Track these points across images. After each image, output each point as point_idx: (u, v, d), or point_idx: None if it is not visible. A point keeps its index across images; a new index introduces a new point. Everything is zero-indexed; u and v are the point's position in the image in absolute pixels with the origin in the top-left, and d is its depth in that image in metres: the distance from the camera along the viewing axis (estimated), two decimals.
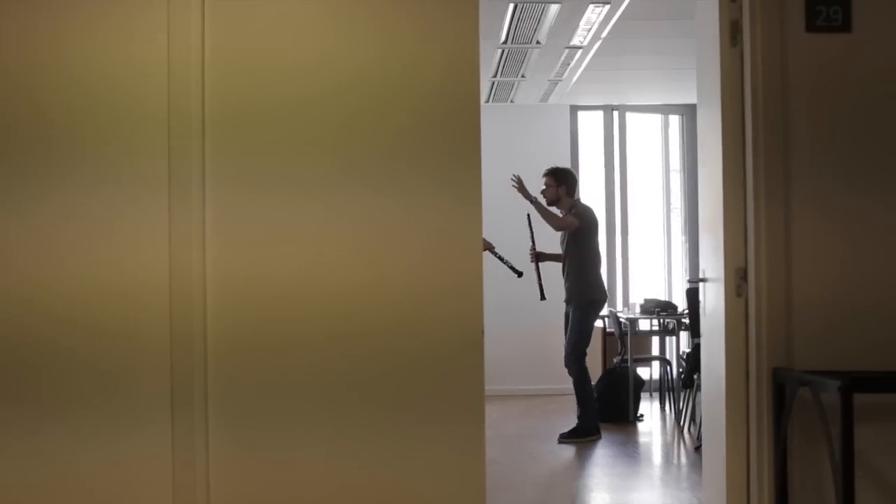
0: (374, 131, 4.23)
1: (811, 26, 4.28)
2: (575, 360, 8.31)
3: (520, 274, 8.73)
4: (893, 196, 4.22)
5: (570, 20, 8.02)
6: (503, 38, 8.53)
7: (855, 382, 3.63)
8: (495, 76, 10.07)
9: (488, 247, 8.10)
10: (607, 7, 7.65)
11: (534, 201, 8.45)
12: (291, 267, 4.21)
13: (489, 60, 9.32)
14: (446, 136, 4.28)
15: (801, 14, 4.28)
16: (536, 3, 7.49)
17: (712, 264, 4.62)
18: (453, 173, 4.28)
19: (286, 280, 4.21)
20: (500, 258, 8.55)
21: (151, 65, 4.20)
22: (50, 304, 4.23)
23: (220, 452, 4.21)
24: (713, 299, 4.63)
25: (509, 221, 9.40)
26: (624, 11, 7.73)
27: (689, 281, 10.04)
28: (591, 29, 8.30)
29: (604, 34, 8.42)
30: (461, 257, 4.27)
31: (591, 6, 7.63)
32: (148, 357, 4.22)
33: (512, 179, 8.52)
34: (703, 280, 4.81)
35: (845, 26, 4.28)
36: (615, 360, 9.97)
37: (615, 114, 12.05)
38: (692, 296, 8.09)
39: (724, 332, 4.40)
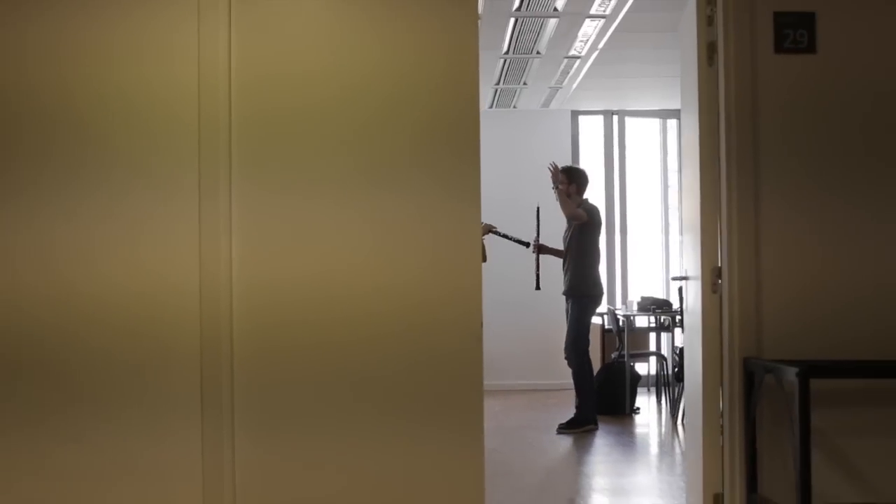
0: (382, 136, 4.66)
1: (779, 48, 4.72)
2: (575, 352, 8.75)
3: (527, 245, 9.19)
4: (851, 203, 4.67)
5: (567, 33, 8.47)
6: (505, 48, 8.98)
7: (811, 369, 4.07)
8: (498, 84, 10.52)
9: (489, 229, 8.55)
10: (602, 21, 8.09)
11: (557, 186, 8.86)
12: (309, 269, 4.63)
13: (492, 69, 9.77)
14: (449, 140, 4.70)
15: (771, 37, 4.72)
16: (535, 17, 7.93)
17: (692, 263, 5.06)
18: (456, 176, 4.70)
19: (304, 282, 4.63)
20: (504, 235, 9.02)
21: (183, 75, 4.63)
22: (85, 305, 4.65)
23: (245, 448, 4.65)
24: (693, 296, 5.07)
25: (512, 220, 9.83)
26: (619, 24, 8.17)
27: (672, 278, 10.47)
28: (588, 40, 8.75)
29: (600, 45, 8.86)
30: (464, 259, 4.70)
31: (587, 20, 8.07)
32: (179, 357, 4.63)
33: (549, 166, 8.95)
34: (685, 278, 5.26)
35: (811, 48, 4.72)
36: (613, 356, 10.41)
37: (615, 118, 12.51)
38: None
39: (701, 326, 4.85)
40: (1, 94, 4.57)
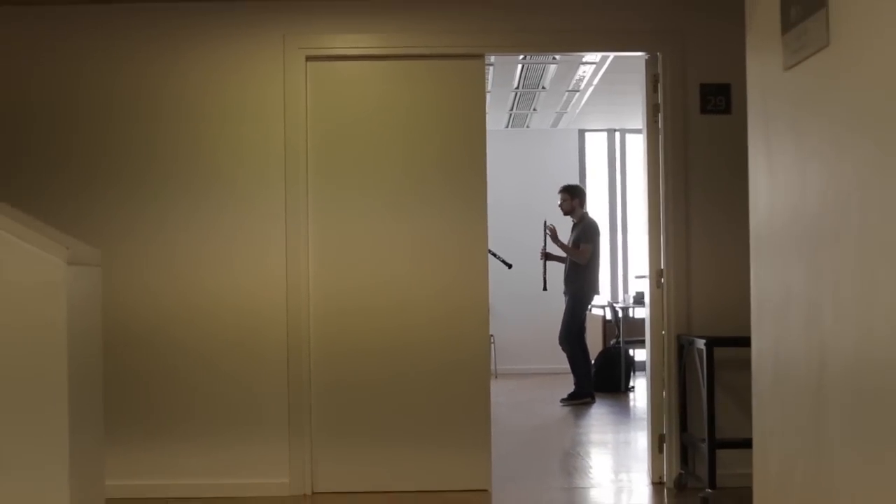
0: (415, 159, 6.42)
1: (704, 110, 6.45)
2: (568, 338, 10.51)
3: (509, 266, 10.95)
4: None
5: (566, 74, 10.23)
6: (515, 84, 10.74)
7: (714, 341, 5.82)
8: (511, 110, 12.27)
9: None
10: (593, 65, 9.85)
11: (565, 247, 10.60)
12: (362, 280, 6.37)
13: (505, 99, 11.53)
14: (462, 160, 6.47)
15: (698, 102, 6.45)
16: (538, 63, 9.70)
17: (645, 267, 6.82)
18: (468, 196, 6.48)
19: (358, 292, 6.35)
20: (493, 254, 10.78)
21: (273, 117, 6.40)
22: (189, 314, 6.36)
23: (320, 441, 6.43)
24: (646, 290, 6.83)
25: (522, 226, 11.62)
26: (608, 67, 9.91)
27: (636, 276, 12.21)
28: (584, 78, 10.49)
29: (595, 81, 10.61)
30: (478, 273, 6.48)
31: (581, 66, 9.84)
32: (270, 362, 6.31)
33: (547, 230, 10.69)
34: (643, 276, 7.01)
35: (727, 110, 6.45)
36: (611, 342, 12.16)
37: (617, 135, 14.22)
38: None
39: (649, 311, 6.61)
40: (145, 144, 6.38)
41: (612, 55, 8.97)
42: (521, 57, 9.37)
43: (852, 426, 3.37)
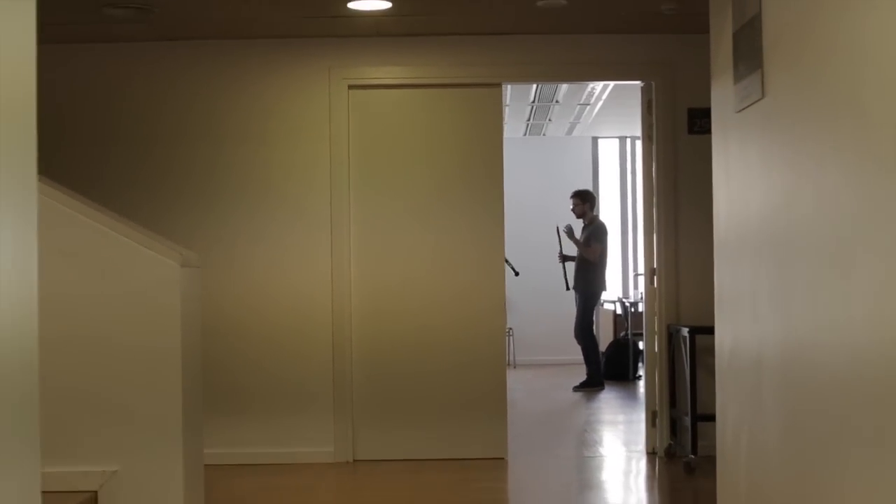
0: (442, 171, 7.47)
1: (691, 130, 7.47)
2: (581, 332, 11.55)
3: (517, 273, 12.01)
4: None
5: (577, 90, 11.27)
6: (531, 99, 11.78)
7: (696, 330, 6.84)
8: (529, 120, 13.31)
9: None
10: (602, 83, 10.88)
11: (579, 244, 11.65)
12: (395, 279, 7.45)
13: (523, 111, 12.56)
14: (483, 168, 7.50)
15: (686, 123, 7.47)
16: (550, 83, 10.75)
17: (641, 266, 7.84)
18: (487, 206, 7.52)
19: (392, 291, 7.44)
20: (505, 261, 11.84)
21: (320, 137, 7.44)
22: (248, 310, 7.46)
23: (361, 415, 7.49)
24: (643, 286, 7.85)
25: (539, 228, 12.67)
26: (615, 84, 10.93)
27: (635, 274, 13.26)
28: (594, 93, 11.52)
29: (604, 97, 11.64)
30: (496, 274, 7.52)
31: (591, 83, 10.87)
32: (318, 355, 7.38)
33: (564, 231, 11.76)
34: (641, 274, 8.03)
35: (711, 131, 7.46)
36: (621, 335, 13.19)
37: (628, 141, 15.24)
38: None
39: (645, 305, 7.64)
40: (212, 162, 7.44)
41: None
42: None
43: (780, 400, 4.39)
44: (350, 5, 6.55)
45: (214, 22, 6.93)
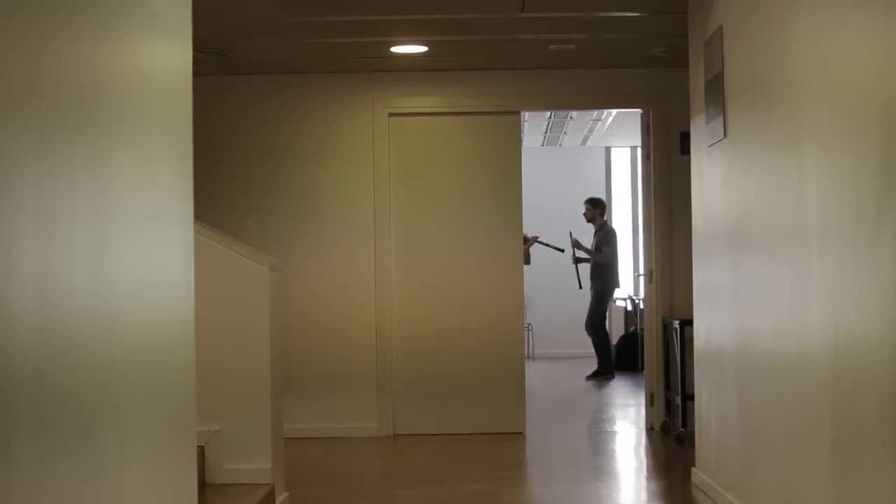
0: (468, 180, 8.72)
1: (683, 151, 8.66)
2: (592, 325, 12.79)
3: (562, 251, 13.28)
4: None
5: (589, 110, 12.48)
6: (548, 115, 13.01)
7: (685, 322, 8.05)
8: (545, 133, 14.53)
9: (535, 239, 12.65)
10: None
11: (590, 252, 12.89)
12: (429, 278, 8.71)
13: (540, 125, 13.78)
14: (503, 177, 8.73)
15: (678, 145, 8.69)
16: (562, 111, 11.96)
17: (642, 267, 9.07)
18: (506, 215, 8.75)
19: (428, 286, 8.69)
20: (546, 244, 13.13)
21: (365, 156, 8.70)
22: (303, 301, 8.72)
23: (400, 395, 8.73)
24: (643, 285, 9.07)
25: (555, 231, 13.89)
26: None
27: (636, 275, 14.49)
28: (604, 111, 12.73)
29: (613, 114, 12.86)
30: (514, 272, 8.76)
31: None
32: (363, 336, 8.71)
33: (571, 242, 13.04)
34: (642, 274, 9.25)
35: None
36: (630, 329, 14.41)
37: (639, 150, 16.41)
38: None
39: (645, 300, 8.86)
40: (272, 182, 8.70)
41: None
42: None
43: (735, 381, 5.61)
44: (393, 49, 7.79)
45: (278, 60, 8.18)
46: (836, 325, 4.04)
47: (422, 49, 7.81)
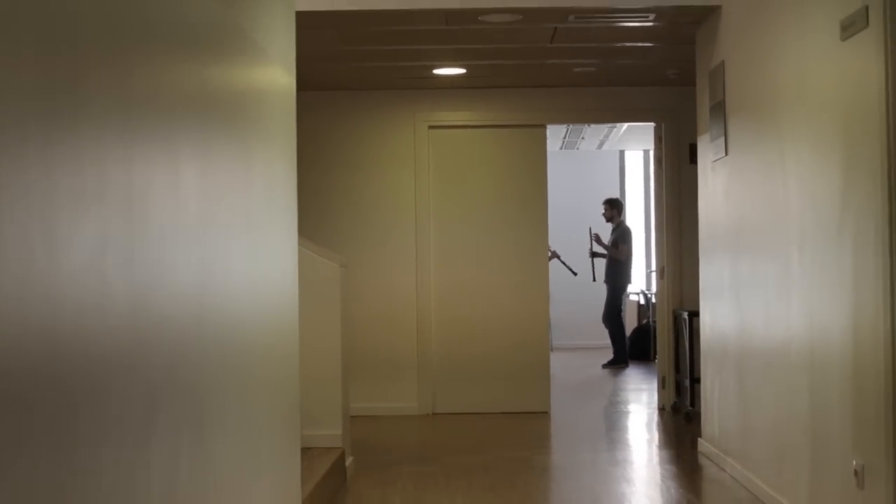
0: (500, 192, 9.75)
1: (692, 161, 9.66)
2: (609, 318, 13.83)
3: (576, 274, 14.31)
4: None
5: None
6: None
7: (693, 313, 9.07)
8: (564, 138, 15.55)
9: (555, 255, 13.69)
10: None
11: (608, 248, 13.93)
12: (463, 278, 9.75)
13: (560, 129, 14.80)
14: (531, 187, 9.78)
15: (688, 155, 9.69)
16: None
17: (654, 264, 10.09)
18: (533, 219, 9.78)
19: (463, 282, 9.74)
20: (564, 263, 14.18)
21: (407, 165, 9.74)
22: (350, 304, 9.77)
23: (439, 378, 9.76)
24: (655, 280, 10.09)
25: (574, 230, 14.93)
26: None
27: (649, 271, 15.53)
28: None
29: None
30: (540, 272, 9.80)
31: None
32: (405, 326, 9.76)
33: (592, 236, 14.09)
34: (654, 271, 10.27)
35: None
36: (643, 321, 15.43)
37: (651, 153, 17.42)
38: None
39: (657, 294, 9.89)
40: (325, 187, 9.74)
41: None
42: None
43: (734, 366, 6.64)
44: (435, 71, 8.82)
45: (334, 80, 9.21)
46: (811, 314, 5.07)
47: (461, 71, 8.83)
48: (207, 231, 3.12)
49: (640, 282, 16.80)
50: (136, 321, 2.46)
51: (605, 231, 14.27)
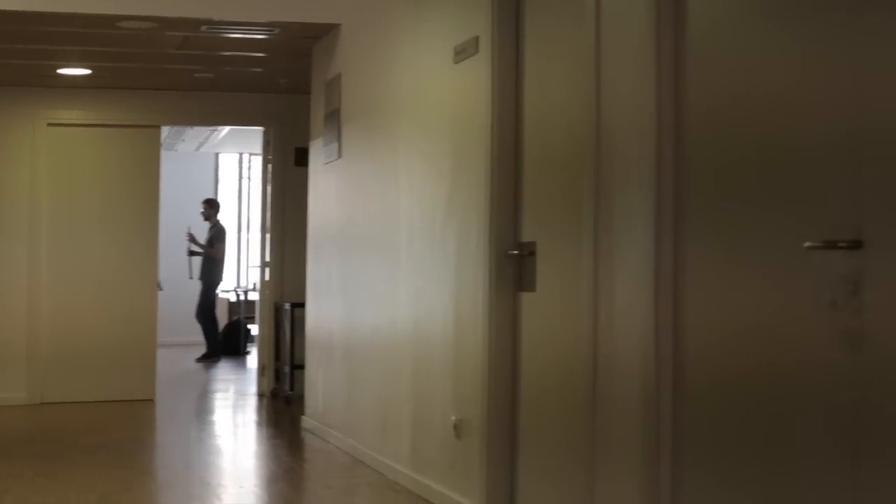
0: (111, 192, 10.10)
1: (297, 163, 10.42)
2: (203, 314, 14.33)
3: (161, 289, 14.71)
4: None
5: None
6: None
7: (295, 305, 9.80)
8: (164, 139, 15.91)
9: (194, 245, 14.09)
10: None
11: (205, 248, 14.38)
12: (79, 274, 10.02)
13: (164, 132, 15.15)
14: (140, 194, 10.18)
15: (293, 157, 10.42)
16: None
17: (258, 259, 10.74)
18: (145, 211, 10.19)
19: (77, 284, 10.00)
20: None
21: (24, 167, 9.91)
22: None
23: (50, 382, 9.98)
24: None
25: (173, 227, 15.35)
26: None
27: (248, 266, 16.31)
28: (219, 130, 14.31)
29: (225, 131, 14.47)
30: (150, 275, 10.22)
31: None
32: (15, 332, 9.91)
33: (186, 237, 14.53)
34: (256, 266, 10.92)
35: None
36: (234, 318, 16.02)
37: (246, 156, 18.08)
38: None
39: (260, 288, 10.54)
40: None
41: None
42: None
43: (342, 355, 7.42)
44: (59, 71, 9.08)
45: None
46: (417, 297, 5.92)
47: (86, 72, 9.14)
48: None
49: (232, 278, 17.39)
50: None
51: (203, 230, 14.77)
